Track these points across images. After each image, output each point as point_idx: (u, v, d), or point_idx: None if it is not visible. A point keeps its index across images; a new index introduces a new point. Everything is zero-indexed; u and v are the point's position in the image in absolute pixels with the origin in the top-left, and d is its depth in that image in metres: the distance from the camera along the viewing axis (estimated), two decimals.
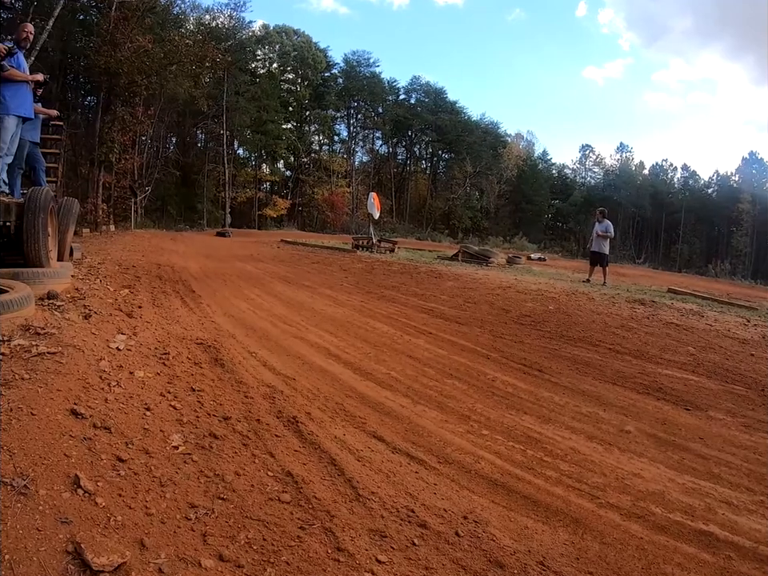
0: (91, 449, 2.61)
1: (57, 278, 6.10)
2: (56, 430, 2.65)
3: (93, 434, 2.74)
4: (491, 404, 4.40)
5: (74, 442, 2.61)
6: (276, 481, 2.72)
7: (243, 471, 2.74)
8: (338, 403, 3.98)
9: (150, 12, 28.22)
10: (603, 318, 8.61)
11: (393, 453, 3.28)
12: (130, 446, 2.74)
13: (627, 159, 62.15)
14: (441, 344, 6.31)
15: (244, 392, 3.89)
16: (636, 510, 2.86)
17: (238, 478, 2.67)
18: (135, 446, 2.76)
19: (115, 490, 2.34)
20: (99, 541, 1.99)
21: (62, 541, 1.95)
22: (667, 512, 2.86)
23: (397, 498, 2.72)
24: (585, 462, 3.43)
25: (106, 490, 2.32)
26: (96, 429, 2.81)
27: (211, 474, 2.66)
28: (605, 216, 15.39)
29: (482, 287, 11.45)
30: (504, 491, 2.97)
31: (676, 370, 5.85)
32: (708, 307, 10.98)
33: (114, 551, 1.93)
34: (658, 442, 3.85)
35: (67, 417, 2.82)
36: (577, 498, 2.94)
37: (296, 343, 5.73)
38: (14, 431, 2.51)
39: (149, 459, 2.67)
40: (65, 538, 1.97)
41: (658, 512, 2.86)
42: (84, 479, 2.29)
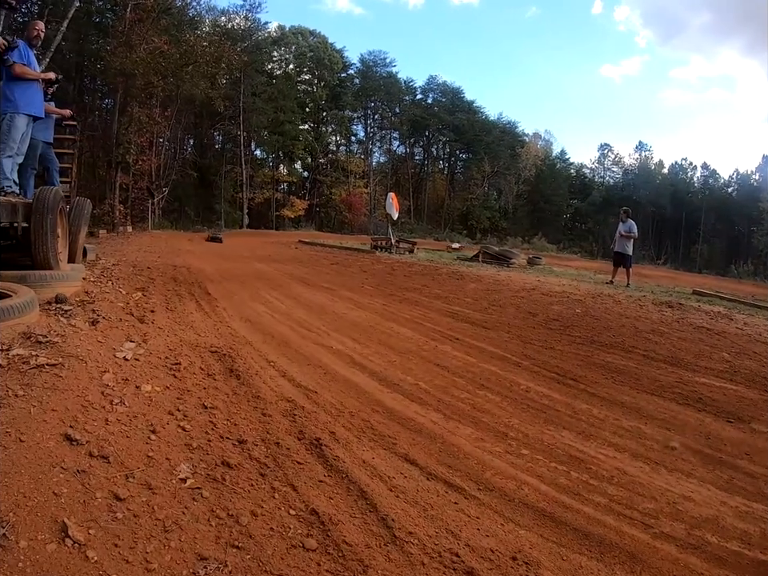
0: (85, 484, 2.25)
1: (66, 280, 5.89)
2: (46, 461, 2.31)
3: (88, 466, 2.39)
4: (528, 418, 4.09)
5: (65, 475, 2.27)
6: (299, 521, 2.34)
7: (261, 510, 2.37)
8: (364, 420, 3.63)
9: (166, 13, 28.26)
10: (633, 321, 8.35)
11: (428, 479, 2.94)
12: (131, 480, 2.38)
13: (646, 158, 61.42)
14: (469, 351, 5.98)
15: (261, 409, 3.53)
16: (692, 539, 2.59)
17: (255, 519, 2.30)
18: (136, 479, 2.40)
19: (110, 539, 1.98)
20: None
21: None
22: (724, 541, 2.61)
23: (438, 539, 2.37)
24: (633, 484, 3.15)
25: (99, 540, 1.96)
26: (92, 458, 2.45)
27: (224, 514, 2.29)
28: (629, 216, 15.01)
29: (505, 289, 11.18)
30: (552, 523, 2.65)
31: (713, 378, 5.57)
32: (735, 310, 10.77)
33: None
34: (705, 459, 3.58)
35: (60, 443, 2.48)
36: (630, 528, 2.65)
37: (317, 350, 5.42)
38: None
39: (151, 497, 2.30)
40: None
41: (714, 541, 2.59)
42: (73, 527, 1.94)
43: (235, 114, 40.26)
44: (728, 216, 55.39)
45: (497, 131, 56.52)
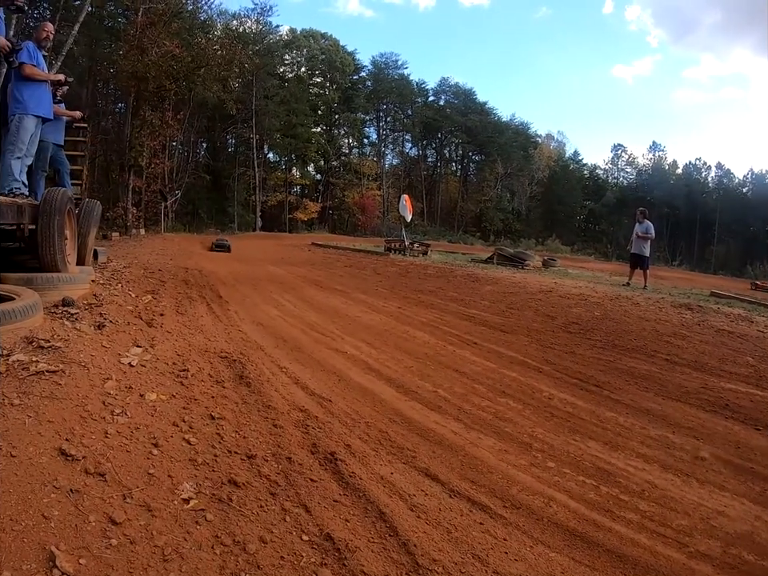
0: (78, 506, 2.05)
1: (74, 283, 5.78)
2: (37, 479, 2.12)
3: (82, 484, 2.19)
4: (551, 427, 3.89)
5: (57, 495, 2.07)
6: (312, 548, 2.12)
7: (270, 535, 2.14)
8: (381, 431, 3.43)
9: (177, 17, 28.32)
10: (653, 324, 8.16)
11: (450, 497, 2.73)
12: (128, 501, 2.17)
13: (660, 158, 60.98)
14: (488, 356, 5.79)
15: (272, 419, 3.33)
16: (728, 558, 2.43)
17: (263, 546, 2.07)
18: (134, 500, 2.19)
19: (102, 570, 1.77)
20: None
21: None
22: (761, 559, 2.44)
23: (464, 566, 2.16)
24: (664, 499, 2.97)
25: (89, 571, 1.76)
26: (87, 476, 2.26)
27: (229, 540, 2.07)
28: (645, 216, 14.69)
29: (522, 291, 11.00)
30: (584, 544, 2.46)
31: (739, 383, 5.37)
32: (755, 312, 10.50)
33: None
34: (736, 470, 3.40)
35: (54, 459, 2.30)
36: (664, 548, 2.47)
37: (331, 355, 5.24)
38: None
39: (150, 520, 2.09)
40: None
41: (751, 560, 2.43)
42: (62, 557, 1.74)
43: (247, 117, 40.38)
44: (743, 216, 54.72)
45: (509, 132, 56.33)
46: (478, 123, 53.62)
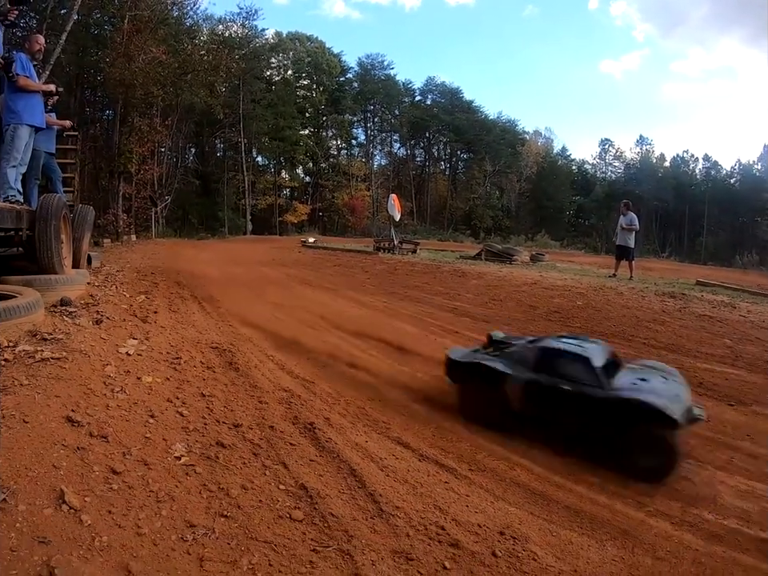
0: (84, 459, 2.37)
1: (71, 284, 6.01)
2: (48, 439, 2.42)
3: (87, 444, 2.50)
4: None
5: (65, 451, 2.38)
6: (288, 495, 2.44)
7: (251, 484, 2.47)
8: (359, 407, 3.73)
9: (163, 24, 28.30)
10: (634, 312, 8.31)
11: (420, 461, 3.03)
12: (127, 457, 2.49)
13: (647, 152, 61.06)
14: (467, 343, 5.97)
15: (258, 397, 3.64)
16: (687, 517, 2.66)
17: (244, 492, 2.41)
18: (133, 456, 2.51)
19: (104, 506, 2.10)
20: (76, 567, 1.75)
21: (37, 564, 1.72)
22: (721, 518, 2.66)
23: (425, 513, 2.46)
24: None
25: (93, 506, 2.08)
26: (92, 437, 2.57)
27: (215, 487, 2.40)
28: (629, 208, 14.84)
29: (507, 285, 11.17)
30: (543, 501, 2.75)
31: (715, 363, 5.60)
32: (739, 298, 10.55)
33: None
34: (705, 441, 3.62)
35: (62, 425, 2.60)
36: (623, 506, 2.73)
37: (317, 345, 5.50)
38: (2, 439, 2.28)
39: (146, 471, 2.42)
40: (40, 560, 1.74)
41: (711, 519, 2.66)
42: (69, 494, 2.06)
43: (235, 122, 40.35)
44: (732, 207, 54.97)
45: (497, 130, 56.38)
46: (465, 122, 53.69)
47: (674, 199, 56.13)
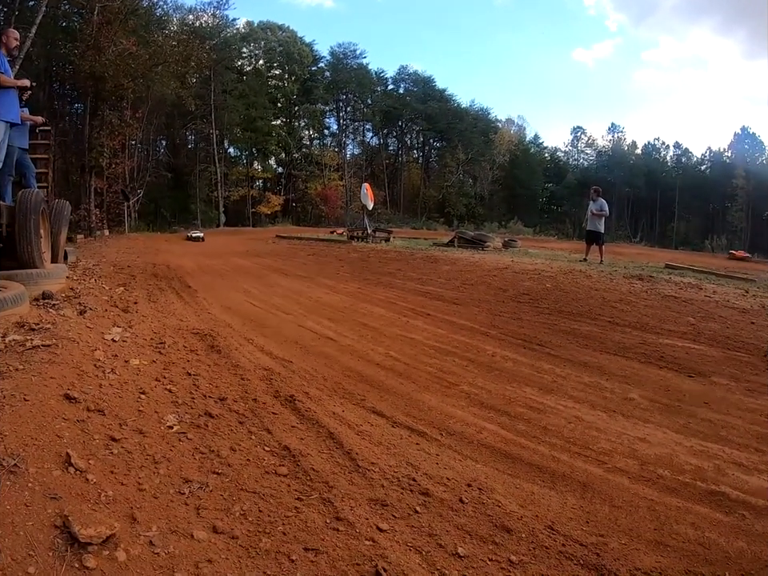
0: (84, 430, 2.58)
1: (51, 278, 6.11)
2: (49, 413, 2.62)
3: (86, 417, 2.72)
4: (492, 378, 4.37)
5: (66, 423, 2.59)
6: (273, 455, 2.69)
7: (239, 447, 2.71)
8: (336, 382, 3.95)
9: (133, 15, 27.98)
10: (601, 293, 8.58)
11: (393, 427, 3.24)
12: (124, 427, 2.71)
13: (619, 139, 61.96)
14: (439, 324, 6.29)
15: (240, 375, 3.86)
16: (645, 473, 2.83)
17: (233, 453, 2.65)
18: (129, 426, 2.74)
19: (107, 468, 2.32)
20: (88, 514, 1.96)
21: (51, 515, 1.92)
22: (677, 474, 2.83)
23: (398, 468, 2.68)
24: (589, 429, 3.39)
25: (97, 468, 2.29)
26: (89, 412, 2.78)
27: (206, 450, 2.64)
28: (599, 194, 15.21)
29: (478, 269, 11.45)
30: (508, 459, 2.93)
31: (677, 339, 5.83)
32: (706, 280, 10.95)
33: (103, 523, 1.90)
34: (663, 408, 3.81)
35: (61, 401, 2.79)
36: (583, 464, 2.91)
37: (294, 330, 5.71)
38: (6, 416, 2.48)
39: (142, 438, 2.65)
40: (53, 512, 1.94)
41: (667, 475, 2.82)
42: (75, 457, 2.27)
43: (207, 113, 40.08)
44: (702, 193, 55.98)
45: (469, 118, 56.69)
46: (437, 110, 53.88)
47: (646, 186, 57.09)
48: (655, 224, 57.77)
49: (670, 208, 57.34)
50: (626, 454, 3.05)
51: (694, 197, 56.52)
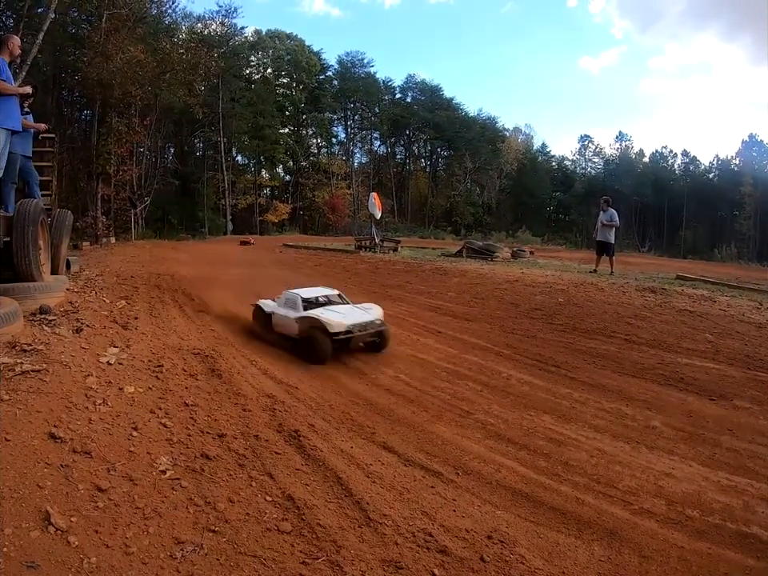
0: (68, 477, 2.35)
1: (50, 291, 5.94)
2: (31, 457, 2.39)
3: (71, 461, 2.48)
4: (508, 404, 4.17)
5: (49, 470, 2.36)
6: (275, 507, 2.44)
7: (238, 497, 2.47)
8: (343, 412, 3.73)
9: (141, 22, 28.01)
10: (615, 308, 8.34)
11: (405, 466, 3.03)
12: (112, 473, 2.47)
13: (627, 148, 61.58)
14: (451, 342, 6.08)
15: (242, 405, 3.63)
16: (673, 514, 2.65)
17: (231, 505, 2.40)
18: (118, 472, 2.50)
19: (91, 526, 2.08)
20: None
21: None
22: (706, 515, 2.65)
23: (412, 520, 2.46)
24: (612, 463, 3.21)
25: (80, 527, 2.06)
26: (75, 454, 2.55)
27: (201, 501, 2.39)
28: (609, 204, 14.99)
29: (488, 282, 11.21)
30: (530, 503, 2.74)
31: (696, 358, 5.61)
32: (719, 292, 10.67)
33: None
34: (687, 436, 3.63)
35: (45, 441, 2.57)
36: (609, 506, 2.72)
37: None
38: None
39: (132, 487, 2.40)
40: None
41: (696, 515, 2.65)
42: (55, 515, 2.04)
43: (215, 121, 40.01)
44: (710, 201, 55.63)
45: (477, 127, 56.53)
46: (445, 119, 53.73)
47: (654, 194, 56.77)
48: (663, 233, 57.39)
49: (678, 216, 57.00)
50: (653, 492, 2.88)
51: (702, 205, 56.20)
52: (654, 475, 3.05)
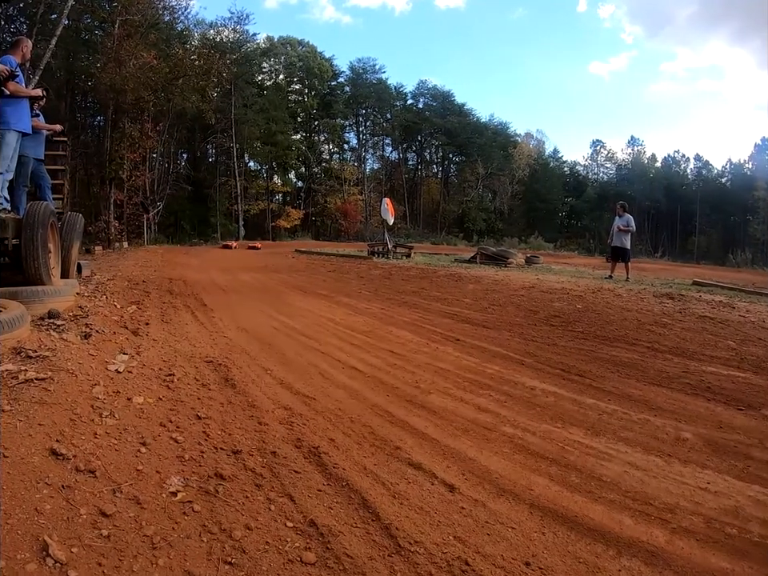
0: (70, 500, 2.13)
1: (59, 295, 5.81)
2: (30, 477, 2.19)
3: (74, 481, 2.27)
4: (533, 416, 3.96)
5: (49, 491, 2.15)
6: (297, 533, 2.21)
7: (256, 523, 2.24)
8: (364, 424, 3.51)
9: (154, 28, 28.34)
10: (635, 314, 8.20)
11: (432, 484, 2.81)
12: (118, 495, 2.26)
13: (639, 153, 61.42)
14: (470, 351, 5.86)
15: (257, 417, 3.41)
16: (712, 532, 2.48)
17: (249, 532, 2.17)
18: (124, 494, 2.28)
19: (94, 558, 1.86)
20: None
21: None
22: (744, 532, 2.48)
23: (446, 547, 2.23)
24: (647, 478, 3.02)
25: (82, 559, 1.84)
26: (78, 473, 2.34)
27: (216, 528, 2.16)
28: (625, 210, 14.90)
29: (505, 288, 11.05)
30: (566, 524, 2.52)
31: (720, 366, 5.44)
32: (736, 298, 10.59)
33: None
34: (719, 449, 3.46)
35: (45, 458, 2.37)
36: (647, 526, 2.52)
37: (315, 357, 5.31)
38: None
39: (139, 512, 2.18)
40: None
41: (735, 533, 2.48)
42: (54, 546, 1.82)
43: (227, 127, 40.19)
44: (723, 206, 55.34)
45: (489, 133, 56.54)
46: (457, 125, 53.74)
47: (666, 199, 56.56)
48: (676, 238, 57.03)
49: (691, 221, 56.70)
50: (690, 509, 2.69)
51: (715, 210, 55.90)
52: (690, 491, 2.88)
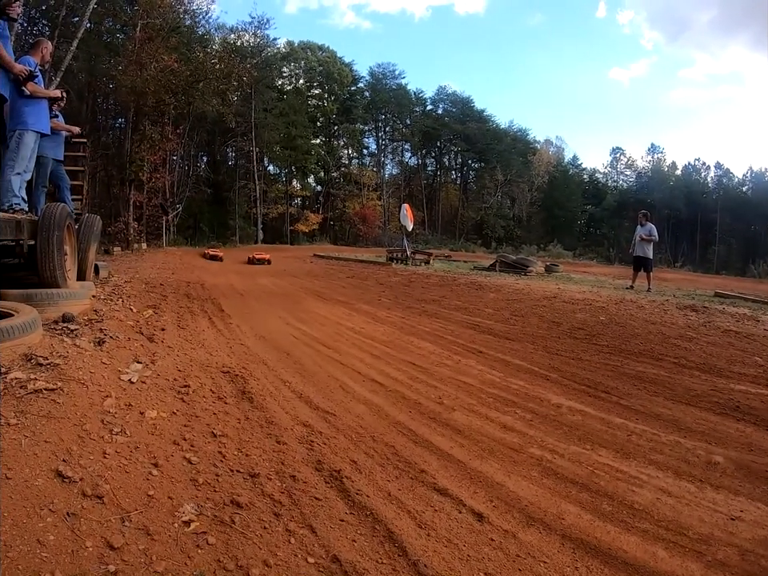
0: (75, 531, 1.97)
1: (74, 298, 5.70)
2: (33, 502, 2.03)
3: (80, 507, 2.11)
4: (561, 437, 3.79)
5: (53, 519, 1.99)
6: (319, 571, 2.03)
7: (275, 558, 2.05)
8: (387, 444, 3.35)
9: (175, 32, 28.58)
10: (659, 327, 8.02)
11: (459, 512, 2.63)
12: (126, 524, 2.09)
13: (659, 160, 60.79)
14: (493, 364, 5.70)
15: (276, 436, 3.25)
16: (748, 565, 2.34)
17: (268, 570, 1.98)
18: (133, 523, 2.11)
19: None
20: None
21: None
22: None
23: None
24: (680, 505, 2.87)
25: None
26: (85, 498, 2.17)
27: (232, 565, 1.98)
28: (648, 219, 14.66)
29: (526, 298, 10.90)
30: (600, 557, 2.36)
31: (749, 384, 5.25)
32: (760, 311, 10.38)
33: None
34: (750, 474, 3.29)
35: (50, 481, 2.21)
36: (682, 559, 2.38)
37: (334, 368, 5.17)
38: None
39: (149, 544, 2.01)
40: None
41: None
42: None
43: (247, 130, 40.35)
44: (744, 215, 54.55)
45: (508, 139, 56.30)
46: (476, 131, 53.56)
47: (686, 208, 55.97)
48: (696, 247, 56.30)
49: (711, 230, 55.93)
50: (724, 540, 2.54)
51: (735, 219, 55.11)
52: (723, 520, 2.72)
